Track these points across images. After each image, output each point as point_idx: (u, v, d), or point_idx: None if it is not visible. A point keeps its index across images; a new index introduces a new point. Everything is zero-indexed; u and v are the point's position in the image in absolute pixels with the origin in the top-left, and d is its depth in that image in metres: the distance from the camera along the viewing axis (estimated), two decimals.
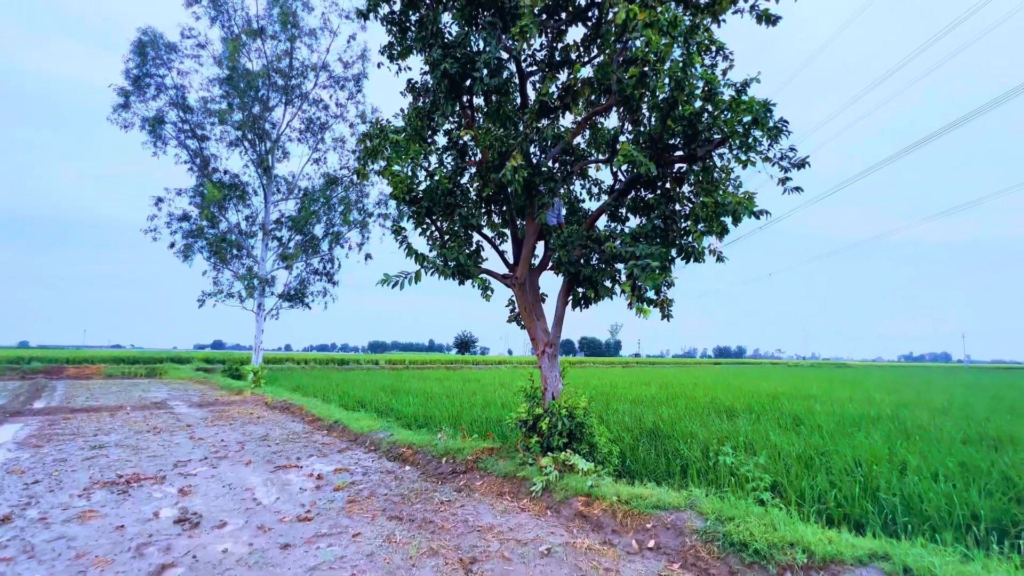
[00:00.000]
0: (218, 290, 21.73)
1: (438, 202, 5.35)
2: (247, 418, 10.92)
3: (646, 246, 4.79)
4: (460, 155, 5.79)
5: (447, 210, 5.51)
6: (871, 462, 6.53)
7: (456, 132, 5.08)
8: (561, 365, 6.35)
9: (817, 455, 6.83)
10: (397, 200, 5.16)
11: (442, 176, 5.36)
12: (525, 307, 6.22)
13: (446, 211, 5.52)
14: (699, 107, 4.73)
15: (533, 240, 6.23)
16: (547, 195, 5.57)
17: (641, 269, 4.55)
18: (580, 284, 5.87)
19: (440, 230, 5.72)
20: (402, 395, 15.27)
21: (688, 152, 4.96)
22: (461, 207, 5.57)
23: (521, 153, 5.08)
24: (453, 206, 5.53)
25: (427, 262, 5.41)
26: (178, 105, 20.39)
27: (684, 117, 4.83)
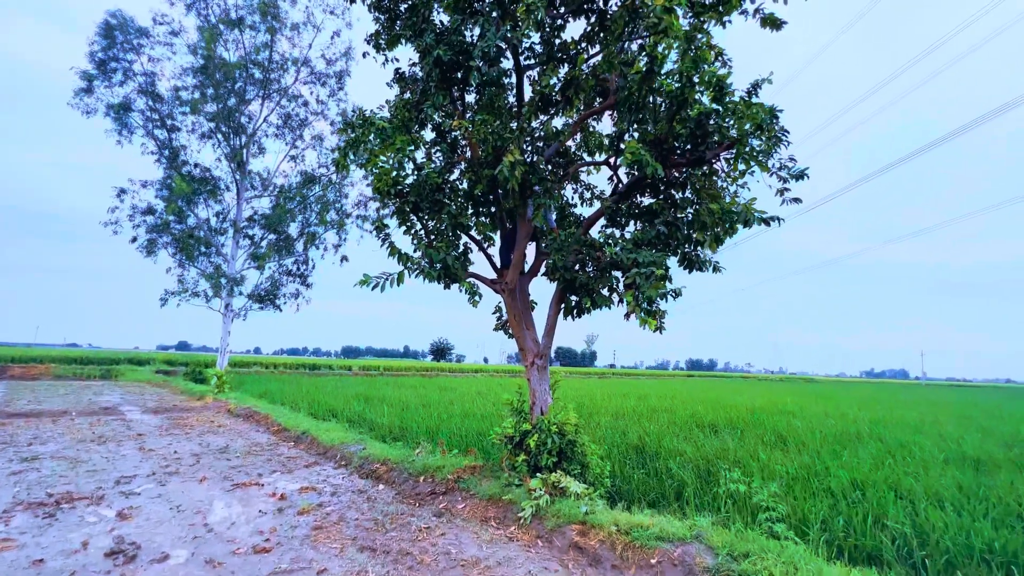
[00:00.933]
0: (183, 289, 20.60)
1: (425, 198, 4.91)
2: (206, 427, 10.13)
3: (649, 253, 4.46)
4: (451, 149, 5.38)
5: (434, 207, 5.08)
6: (866, 482, 6.35)
7: (447, 123, 4.67)
8: (553, 376, 5.96)
9: (811, 475, 6.61)
10: (380, 195, 4.70)
11: (431, 171, 4.94)
12: (515, 315, 5.82)
13: (433, 208, 5.08)
14: (707, 108, 4.46)
15: (525, 244, 5.85)
16: (543, 196, 5.20)
17: (645, 277, 4.21)
18: (574, 292, 5.50)
19: (426, 229, 5.27)
20: (376, 404, 14.61)
21: (695, 155, 4.67)
22: (449, 205, 5.13)
23: (518, 148, 4.70)
24: (441, 203, 5.10)
25: (411, 263, 4.96)
26: (147, 93, 19.36)
27: (691, 119, 4.56)
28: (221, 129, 20.90)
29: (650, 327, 4.43)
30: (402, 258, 4.91)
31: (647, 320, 4.42)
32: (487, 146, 4.86)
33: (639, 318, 4.49)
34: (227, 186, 22.07)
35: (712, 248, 4.83)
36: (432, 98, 5.17)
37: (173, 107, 19.83)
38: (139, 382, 22.85)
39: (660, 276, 4.24)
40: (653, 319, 4.45)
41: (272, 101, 22.53)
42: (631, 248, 4.65)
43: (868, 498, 5.43)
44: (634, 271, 4.48)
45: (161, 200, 20.39)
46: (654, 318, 5.59)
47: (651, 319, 4.41)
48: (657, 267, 4.32)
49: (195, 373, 20.92)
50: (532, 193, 5.34)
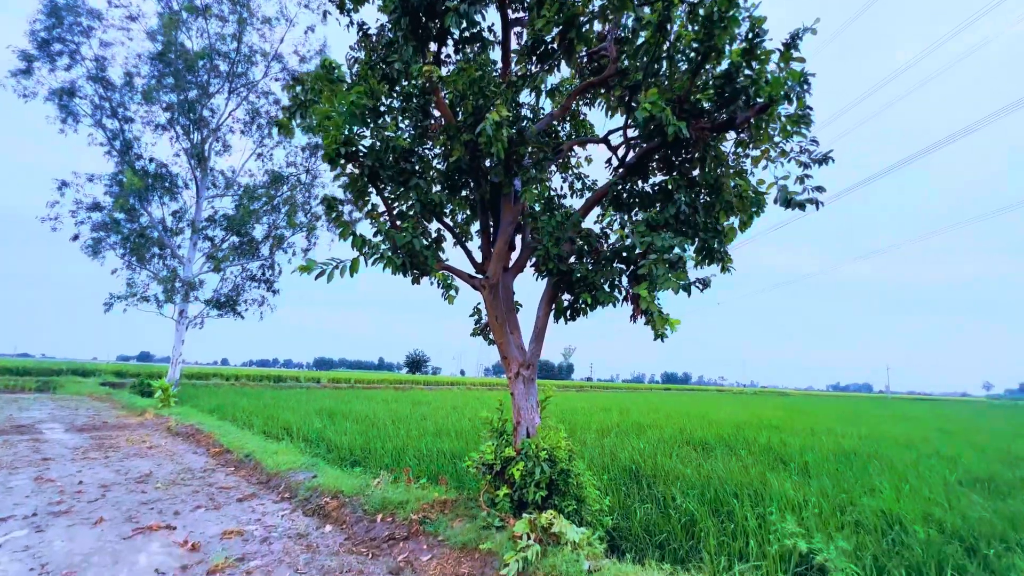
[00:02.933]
0: (131, 293, 18.86)
1: (388, 166, 3.91)
2: (136, 448, 8.74)
3: (667, 236, 3.57)
4: (422, 113, 4.41)
5: (399, 179, 4.08)
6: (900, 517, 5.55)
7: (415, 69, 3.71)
8: (542, 391, 4.99)
9: (832, 506, 5.80)
10: (331, 161, 3.67)
11: (398, 135, 3.94)
12: (496, 316, 4.84)
13: (398, 180, 4.08)
14: (738, 60, 3.62)
15: (510, 232, 4.90)
16: (533, 169, 4.28)
17: (671, 265, 3.30)
18: (570, 288, 4.57)
19: (388, 207, 4.26)
20: (340, 420, 13.30)
21: (723, 118, 3.82)
22: (418, 178, 4.14)
23: (505, 106, 3.77)
24: (407, 174, 4.10)
25: (369, 247, 3.93)
26: (97, 79, 17.82)
27: (720, 75, 3.72)
28: (180, 122, 19.44)
29: (670, 327, 3.52)
30: (357, 242, 3.88)
31: (665, 320, 3.51)
32: (466, 103, 3.91)
33: (655, 318, 3.58)
34: (186, 183, 20.55)
35: (730, 237, 3.98)
36: (402, 51, 4.22)
37: (125, 95, 18.31)
38: (79, 395, 20.79)
39: (681, 263, 3.34)
40: (672, 319, 3.54)
41: (239, 96, 21.21)
42: (643, 231, 3.74)
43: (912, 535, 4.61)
44: (650, 258, 3.57)
45: (110, 196, 18.75)
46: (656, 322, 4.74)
47: (674, 320, 3.51)
48: (678, 252, 3.43)
49: (142, 386, 19.11)
50: (520, 168, 4.41)
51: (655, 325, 4.97)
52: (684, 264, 3.53)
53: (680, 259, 3.45)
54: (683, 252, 3.42)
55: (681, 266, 3.53)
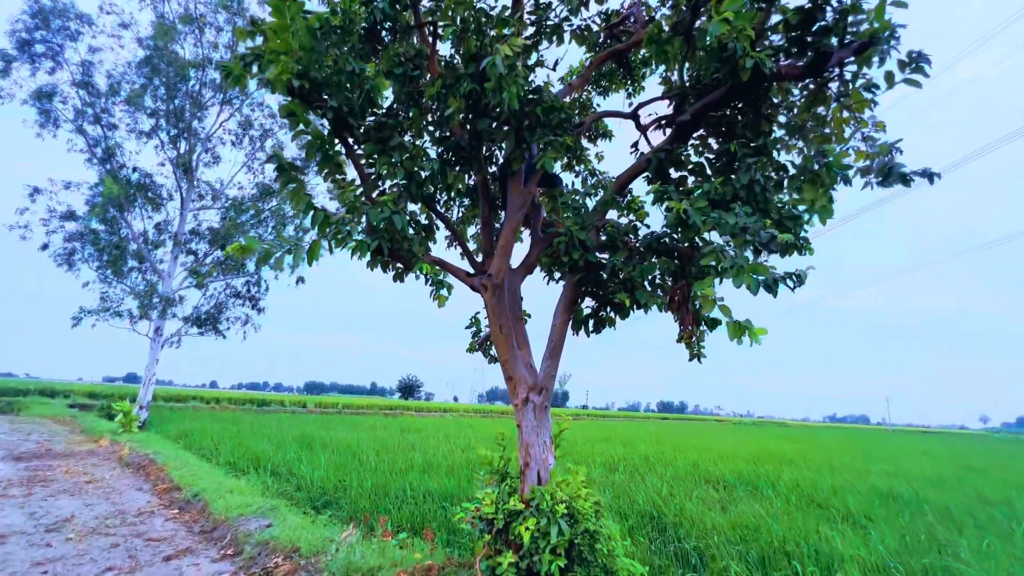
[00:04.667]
0: (103, 307, 17.64)
1: (361, 112, 2.94)
2: (72, 482, 7.47)
3: (748, 211, 2.59)
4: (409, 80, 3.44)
5: (378, 134, 3.10)
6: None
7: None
8: (556, 423, 3.91)
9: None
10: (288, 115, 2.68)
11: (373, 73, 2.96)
12: (500, 325, 3.80)
13: (376, 136, 3.10)
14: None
15: (518, 219, 3.92)
16: (550, 133, 3.32)
17: (764, 243, 2.31)
18: (597, 289, 3.55)
19: (363, 172, 3.25)
20: (318, 449, 12.01)
21: (808, 63, 2.89)
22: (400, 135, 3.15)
23: (519, 37, 2.83)
24: (389, 129, 3.12)
25: (334, 224, 2.91)
26: (82, 85, 17.08)
27: (800, 9, 2.80)
28: (167, 130, 18.65)
29: (753, 337, 2.49)
30: (317, 217, 2.88)
31: (743, 329, 2.50)
32: (467, 42, 2.98)
33: (730, 327, 2.57)
34: (170, 194, 19.62)
35: (823, 218, 2.99)
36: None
37: (111, 101, 17.55)
38: (42, 418, 19.29)
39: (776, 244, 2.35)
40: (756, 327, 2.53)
41: (231, 107, 20.53)
42: (704, 208, 2.75)
43: None
44: (717, 244, 2.58)
45: (88, 205, 17.76)
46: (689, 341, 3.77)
47: (758, 329, 2.50)
48: (757, 237, 2.45)
49: (109, 408, 17.68)
50: (534, 133, 3.44)
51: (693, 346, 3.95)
52: (778, 247, 2.54)
53: (773, 239, 2.46)
54: (776, 233, 2.44)
55: (775, 248, 2.53)
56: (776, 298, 2.60)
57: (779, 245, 2.54)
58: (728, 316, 2.59)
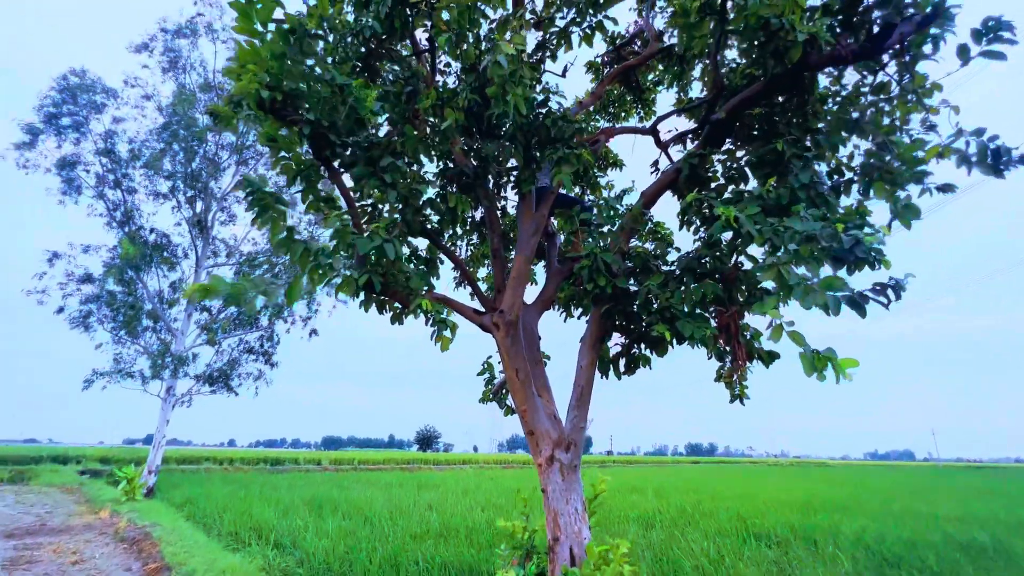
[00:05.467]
0: (116, 369, 17.47)
1: (345, 129, 2.55)
2: (56, 565, 6.84)
3: (813, 218, 2.09)
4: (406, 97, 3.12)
5: (366, 154, 2.70)
6: None
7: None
8: (590, 485, 3.27)
9: None
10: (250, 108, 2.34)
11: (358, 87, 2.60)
12: (517, 370, 3.25)
13: (363, 156, 2.70)
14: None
15: (532, 246, 3.46)
16: (563, 147, 2.91)
17: (848, 249, 1.80)
18: (628, 322, 3.01)
19: (349, 197, 2.84)
20: (328, 513, 11.20)
21: (865, 41, 2.45)
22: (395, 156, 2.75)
23: (522, 39, 2.47)
24: (379, 149, 2.73)
25: (316, 259, 2.47)
26: (104, 153, 17.76)
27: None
28: (185, 192, 19.13)
29: (840, 371, 1.93)
30: (295, 249, 2.44)
31: (831, 360, 1.95)
32: (465, 49, 2.64)
33: (805, 359, 2.02)
34: (185, 252, 19.88)
35: (906, 220, 2.46)
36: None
37: (131, 166, 18.15)
38: (51, 487, 18.75)
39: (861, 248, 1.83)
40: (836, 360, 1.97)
41: (247, 166, 21.12)
42: (758, 215, 2.25)
43: None
44: (781, 256, 2.07)
45: (105, 267, 18.00)
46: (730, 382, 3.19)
47: (837, 358, 1.94)
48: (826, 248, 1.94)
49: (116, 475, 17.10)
50: (545, 149, 3.04)
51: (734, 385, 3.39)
52: (866, 253, 2.02)
53: (858, 243, 1.94)
54: (861, 236, 1.93)
55: (862, 255, 2.01)
56: (864, 318, 2.04)
57: (866, 251, 2.01)
58: (803, 345, 2.03)
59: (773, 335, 2.11)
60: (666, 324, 2.65)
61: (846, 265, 2.09)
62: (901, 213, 2.40)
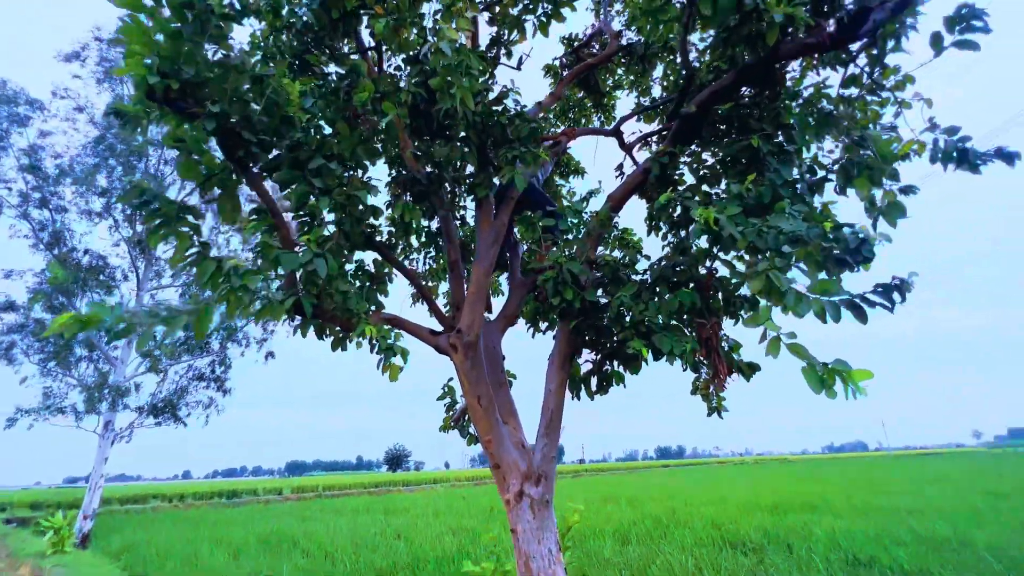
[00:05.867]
0: (44, 405, 15.88)
1: (261, 122, 2.15)
2: None
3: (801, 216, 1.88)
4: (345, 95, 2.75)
5: (291, 152, 2.30)
6: None
7: None
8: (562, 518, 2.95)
9: None
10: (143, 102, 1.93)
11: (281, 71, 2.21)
12: (479, 396, 2.91)
13: (287, 156, 2.30)
14: None
15: (491, 257, 3.14)
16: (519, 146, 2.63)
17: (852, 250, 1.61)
18: (600, 336, 2.73)
19: (272, 204, 2.42)
20: (287, 550, 10.38)
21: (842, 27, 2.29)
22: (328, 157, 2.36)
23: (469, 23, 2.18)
24: (304, 149, 2.33)
25: (230, 280, 2.07)
26: (29, 169, 16.32)
27: None
28: (124, 210, 17.82)
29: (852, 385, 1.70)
30: (203, 269, 2.03)
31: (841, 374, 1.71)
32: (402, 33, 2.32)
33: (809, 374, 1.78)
34: (125, 275, 18.48)
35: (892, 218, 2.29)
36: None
37: (60, 183, 16.75)
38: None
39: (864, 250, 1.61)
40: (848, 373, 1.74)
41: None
42: (738, 216, 2.02)
43: None
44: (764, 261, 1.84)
45: (31, 293, 16.45)
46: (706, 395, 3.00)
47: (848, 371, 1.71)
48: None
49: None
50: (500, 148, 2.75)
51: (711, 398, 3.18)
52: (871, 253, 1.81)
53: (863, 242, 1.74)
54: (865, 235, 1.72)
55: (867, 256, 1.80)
56: (866, 324, 1.82)
57: (871, 251, 1.80)
58: (808, 359, 1.79)
59: (770, 349, 1.87)
60: (642, 339, 2.39)
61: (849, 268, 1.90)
62: (887, 211, 2.24)
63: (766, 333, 1.95)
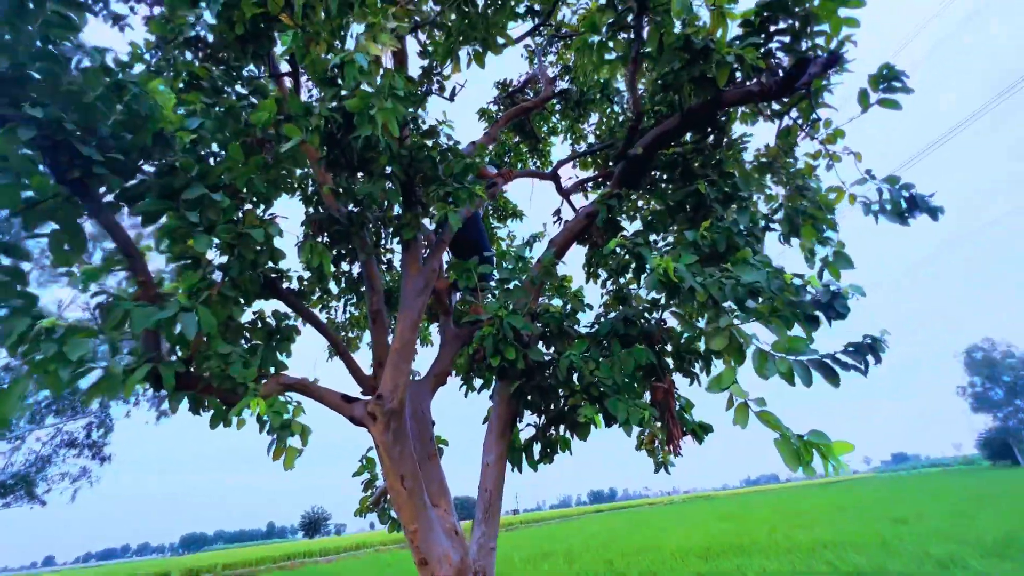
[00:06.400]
0: None
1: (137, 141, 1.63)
2: None
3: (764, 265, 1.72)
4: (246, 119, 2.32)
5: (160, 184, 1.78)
6: None
7: None
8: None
9: None
10: None
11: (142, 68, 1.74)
12: (402, 476, 2.42)
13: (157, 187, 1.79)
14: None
15: (420, 306, 2.75)
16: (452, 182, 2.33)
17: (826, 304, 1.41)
18: (544, 400, 2.40)
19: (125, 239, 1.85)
20: None
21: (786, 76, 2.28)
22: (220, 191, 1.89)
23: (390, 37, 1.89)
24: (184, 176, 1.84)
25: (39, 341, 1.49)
26: None
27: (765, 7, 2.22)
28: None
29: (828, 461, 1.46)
30: (8, 328, 1.45)
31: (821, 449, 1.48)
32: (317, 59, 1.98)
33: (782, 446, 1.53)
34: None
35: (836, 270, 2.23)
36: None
37: None
38: None
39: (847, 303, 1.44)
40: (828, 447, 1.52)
41: None
42: (694, 265, 1.83)
43: None
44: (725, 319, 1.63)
45: None
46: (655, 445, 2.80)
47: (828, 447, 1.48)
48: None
49: None
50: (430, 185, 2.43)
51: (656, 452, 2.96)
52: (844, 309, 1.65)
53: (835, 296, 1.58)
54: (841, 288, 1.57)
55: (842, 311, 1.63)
56: (838, 388, 1.64)
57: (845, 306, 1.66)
58: (780, 430, 1.55)
59: (737, 418, 1.63)
60: (593, 403, 2.09)
61: (816, 325, 1.76)
62: (833, 262, 2.20)
63: (732, 398, 1.72)
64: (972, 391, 48.95)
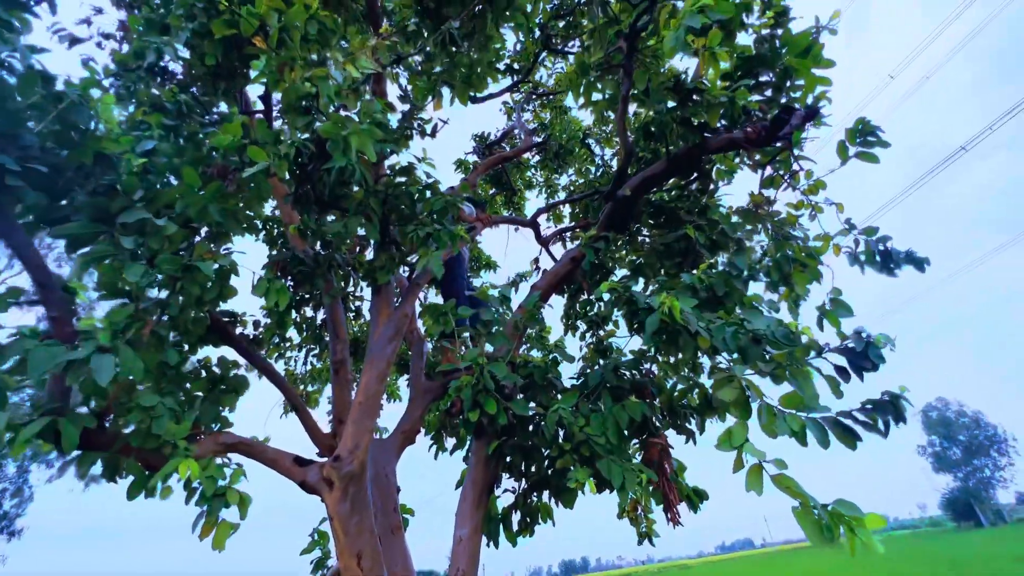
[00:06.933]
0: None
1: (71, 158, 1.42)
2: None
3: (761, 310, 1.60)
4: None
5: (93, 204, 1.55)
6: None
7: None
8: None
9: None
10: None
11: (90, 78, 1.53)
12: (359, 553, 2.06)
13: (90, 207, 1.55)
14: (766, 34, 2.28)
15: (389, 356, 2.50)
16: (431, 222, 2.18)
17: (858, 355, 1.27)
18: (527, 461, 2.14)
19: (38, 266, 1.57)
20: None
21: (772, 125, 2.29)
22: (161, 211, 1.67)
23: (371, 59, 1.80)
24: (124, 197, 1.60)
25: None
26: None
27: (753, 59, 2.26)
28: None
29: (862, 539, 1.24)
30: None
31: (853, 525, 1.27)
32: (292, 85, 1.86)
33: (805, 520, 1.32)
34: None
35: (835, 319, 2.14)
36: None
37: None
38: None
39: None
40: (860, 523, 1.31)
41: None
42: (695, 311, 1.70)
43: None
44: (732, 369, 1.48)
45: None
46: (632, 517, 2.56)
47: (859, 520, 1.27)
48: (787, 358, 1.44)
49: None
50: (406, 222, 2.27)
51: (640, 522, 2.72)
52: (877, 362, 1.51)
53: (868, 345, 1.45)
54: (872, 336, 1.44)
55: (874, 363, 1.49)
56: (855, 451, 1.47)
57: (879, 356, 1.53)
58: (803, 498, 1.35)
59: (750, 483, 1.42)
60: (585, 465, 1.84)
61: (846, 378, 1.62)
62: (833, 310, 2.12)
63: (740, 458, 1.52)
64: (931, 450, 49.90)
